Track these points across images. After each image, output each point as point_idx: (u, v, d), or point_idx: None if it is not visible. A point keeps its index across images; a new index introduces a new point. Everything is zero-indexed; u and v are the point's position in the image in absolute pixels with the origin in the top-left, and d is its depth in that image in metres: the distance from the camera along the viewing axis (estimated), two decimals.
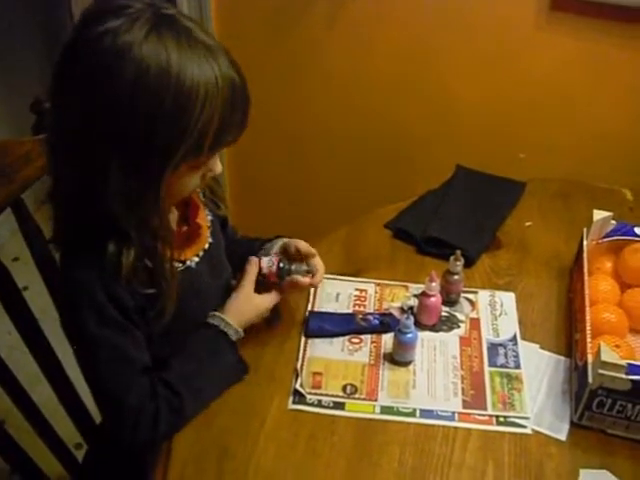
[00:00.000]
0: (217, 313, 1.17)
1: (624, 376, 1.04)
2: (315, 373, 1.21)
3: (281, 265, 1.22)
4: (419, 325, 1.29)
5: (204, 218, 1.22)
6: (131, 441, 1.08)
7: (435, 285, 1.27)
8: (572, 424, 1.13)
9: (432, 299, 1.28)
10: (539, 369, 1.23)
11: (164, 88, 0.91)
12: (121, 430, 1.08)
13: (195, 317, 1.17)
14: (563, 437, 1.11)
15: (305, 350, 1.25)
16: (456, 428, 1.12)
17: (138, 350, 1.09)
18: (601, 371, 1.04)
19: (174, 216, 1.17)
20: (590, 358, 1.09)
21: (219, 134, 0.98)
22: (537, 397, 1.18)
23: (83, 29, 0.94)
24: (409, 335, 1.20)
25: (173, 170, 0.97)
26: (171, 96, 0.91)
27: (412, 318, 1.20)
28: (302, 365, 1.22)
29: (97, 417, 1.45)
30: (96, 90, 0.93)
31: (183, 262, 1.15)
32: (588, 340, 1.12)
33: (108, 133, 0.94)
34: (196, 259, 1.18)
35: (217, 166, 1.08)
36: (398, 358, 1.23)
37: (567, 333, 1.29)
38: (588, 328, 1.14)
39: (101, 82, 0.92)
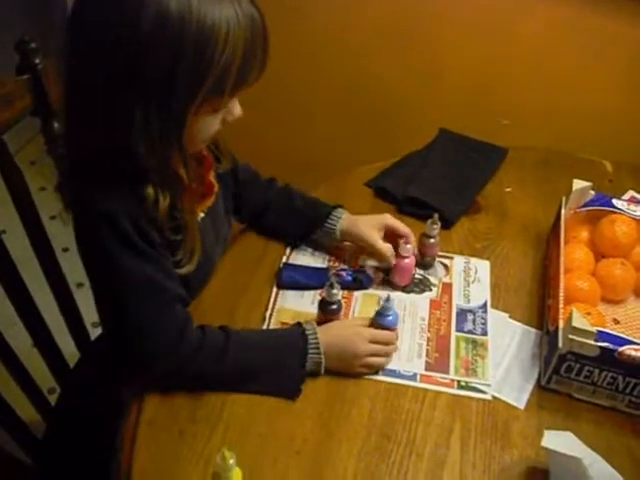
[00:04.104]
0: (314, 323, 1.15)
1: (593, 342, 1.06)
2: (283, 323, 1.21)
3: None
4: (391, 285, 1.31)
5: (213, 175, 1.22)
6: (163, 371, 1.08)
7: (409, 247, 1.28)
8: (539, 387, 1.15)
9: (405, 260, 1.29)
10: (505, 338, 1.24)
11: (186, 26, 0.90)
12: (153, 364, 1.07)
13: (199, 270, 1.16)
14: (522, 406, 1.13)
15: (276, 300, 1.26)
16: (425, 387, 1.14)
17: (169, 280, 1.07)
18: (571, 336, 1.06)
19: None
20: (561, 323, 1.11)
21: (241, 72, 0.97)
22: (500, 365, 1.19)
23: None
24: (389, 318, 1.16)
25: (196, 110, 0.97)
26: (193, 34, 0.91)
27: (393, 300, 1.16)
28: (271, 315, 1.23)
29: (71, 361, 1.46)
30: (117, 31, 0.91)
31: None
32: (560, 306, 1.14)
33: (132, 75, 0.93)
34: (202, 214, 1.19)
35: (237, 108, 1.08)
36: None
37: (539, 302, 1.31)
38: (561, 294, 1.16)
39: (122, 24, 0.91)
